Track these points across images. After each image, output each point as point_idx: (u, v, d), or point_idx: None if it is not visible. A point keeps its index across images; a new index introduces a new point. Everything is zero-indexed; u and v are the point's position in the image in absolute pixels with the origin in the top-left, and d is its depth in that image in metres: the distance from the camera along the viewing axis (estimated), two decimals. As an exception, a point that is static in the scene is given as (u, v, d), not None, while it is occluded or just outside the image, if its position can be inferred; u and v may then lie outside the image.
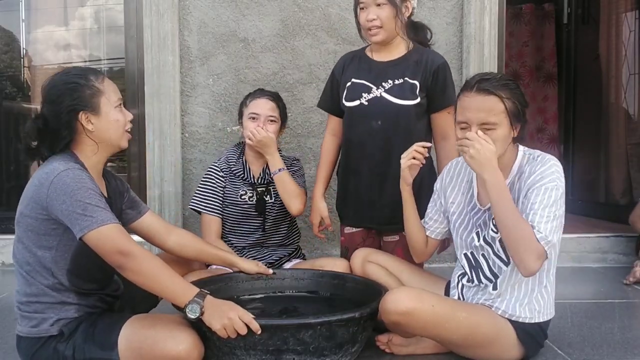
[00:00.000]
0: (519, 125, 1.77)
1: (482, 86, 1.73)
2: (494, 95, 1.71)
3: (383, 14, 2.20)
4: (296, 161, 2.61)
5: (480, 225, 1.86)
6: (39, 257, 1.65)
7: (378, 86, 2.27)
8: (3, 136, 3.92)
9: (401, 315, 1.67)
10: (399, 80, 2.25)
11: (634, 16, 4.08)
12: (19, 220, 1.68)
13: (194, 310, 1.59)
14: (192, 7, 3.18)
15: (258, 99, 2.48)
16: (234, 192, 2.49)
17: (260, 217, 2.49)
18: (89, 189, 1.60)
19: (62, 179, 1.59)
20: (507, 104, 1.72)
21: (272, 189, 2.49)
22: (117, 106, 1.76)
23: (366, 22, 2.23)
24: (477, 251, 1.87)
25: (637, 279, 2.88)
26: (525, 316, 1.79)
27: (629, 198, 4.07)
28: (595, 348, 2.00)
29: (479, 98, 1.72)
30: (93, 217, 1.57)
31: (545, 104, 5.35)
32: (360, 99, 2.28)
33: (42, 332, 1.66)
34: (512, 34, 5.26)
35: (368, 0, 2.22)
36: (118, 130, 1.76)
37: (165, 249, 2.05)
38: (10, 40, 3.97)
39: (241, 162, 2.51)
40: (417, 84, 2.24)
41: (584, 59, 4.44)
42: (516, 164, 1.80)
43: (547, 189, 1.68)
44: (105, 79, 1.76)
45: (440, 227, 2.04)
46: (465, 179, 1.95)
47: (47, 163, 1.68)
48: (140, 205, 2.00)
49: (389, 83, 2.26)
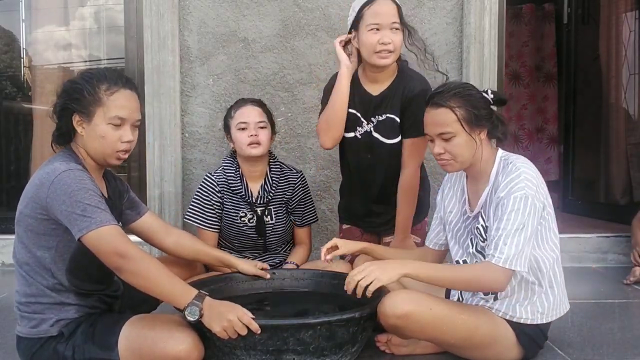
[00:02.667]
0: (482, 130, 1.80)
1: (433, 100, 1.81)
2: (443, 107, 1.77)
3: (397, 40, 2.17)
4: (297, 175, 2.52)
5: (472, 232, 1.88)
6: (39, 257, 1.65)
7: (368, 121, 2.31)
8: (3, 136, 3.92)
9: (399, 318, 1.67)
10: (383, 116, 2.28)
11: (634, 16, 4.08)
12: (19, 220, 1.67)
13: (193, 312, 1.59)
14: (192, 7, 3.18)
15: (243, 108, 2.43)
16: (233, 212, 2.43)
17: (262, 239, 2.45)
18: (89, 190, 1.60)
19: (63, 179, 1.59)
20: (457, 113, 1.76)
21: (272, 208, 2.45)
22: (113, 124, 1.69)
23: (378, 44, 2.15)
24: (471, 259, 1.88)
25: (637, 279, 2.88)
26: (527, 317, 1.79)
27: (629, 198, 4.07)
28: (595, 348, 2.00)
29: (432, 112, 1.81)
30: (92, 218, 1.57)
31: (545, 104, 5.35)
32: (355, 131, 2.33)
33: (41, 332, 1.66)
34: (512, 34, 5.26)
35: (385, 23, 2.15)
36: (104, 147, 1.70)
37: (163, 249, 2.05)
38: (10, 40, 3.97)
39: (239, 178, 2.43)
40: (397, 120, 2.27)
41: (584, 59, 4.43)
42: (494, 171, 1.81)
43: (515, 198, 1.68)
44: (119, 93, 1.70)
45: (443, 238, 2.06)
46: (460, 186, 1.98)
47: (49, 162, 1.68)
48: (140, 206, 2.00)
49: (376, 118, 2.29)
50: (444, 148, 1.79)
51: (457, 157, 1.79)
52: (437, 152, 1.81)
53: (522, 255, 1.67)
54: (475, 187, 1.88)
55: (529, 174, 1.73)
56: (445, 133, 1.77)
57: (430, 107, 1.81)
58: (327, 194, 3.13)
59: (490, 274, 1.69)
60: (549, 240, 1.80)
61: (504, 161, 1.81)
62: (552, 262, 1.81)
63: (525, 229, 1.67)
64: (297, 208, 2.51)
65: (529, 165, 1.77)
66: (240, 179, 2.43)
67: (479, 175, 1.85)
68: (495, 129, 1.83)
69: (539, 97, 5.38)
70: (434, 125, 1.80)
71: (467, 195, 1.93)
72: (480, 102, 1.80)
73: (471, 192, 1.91)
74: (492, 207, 1.76)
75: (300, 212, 2.52)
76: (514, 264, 1.66)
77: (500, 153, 1.84)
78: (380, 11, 2.16)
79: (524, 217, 1.67)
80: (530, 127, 5.39)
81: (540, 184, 1.74)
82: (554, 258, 1.82)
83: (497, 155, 1.83)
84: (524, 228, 1.67)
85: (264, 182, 2.43)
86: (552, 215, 1.81)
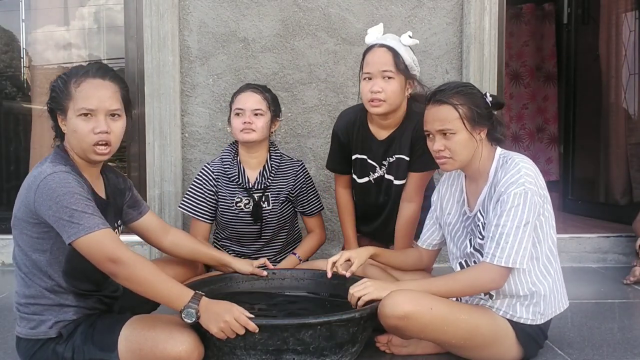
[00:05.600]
0: (483, 129, 1.81)
1: (436, 97, 1.81)
2: (446, 104, 1.78)
3: (389, 88, 2.13)
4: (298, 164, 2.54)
5: (470, 231, 1.88)
6: (35, 260, 1.64)
7: (380, 165, 2.33)
8: (3, 136, 3.92)
9: (399, 319, 1.67)
10: (393, 157, 2.29)
11: (634, 16, 4.08)
12: (15, 224, 1.66)
13: (189, 315, 1.58)
14: (192, 7, 3.18)
15: (242, 94, 2.44)
16: (228, 198, 2.43)
17: (257, 224, 2.45)
18: (74, 194, 1.55)
19: (48, 184, 1.55)
20: (460, 110, 1.77)
21: (270, 194, 2.44)
22: (81, 115, 1.62)
23: (369, 92, 2.14)
24: (469, 259, 1.89)
25: (637, 279, 2.88)
26: (527, 317, 1.79)
27: (629, 198, 4.07)
28: (595, 348, 1.99)
29: (434, 109, 1.81)
30: (80, 224, 1.53)
31: (545, 104, 5.35)
32: (369, 176, 2.36)
33: (40, 333, 1.66)
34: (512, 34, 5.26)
35: (375, 71, 2.13)
36: (79, 141, 1.64)
37: (160, 248, 2.05)
38: (10, 40, 3.97)
39: (236, 165, 2.45)
40: (407, 159, 2.28)
41: (584, 59, 4.43)
42: (492, 168, 1.82)
43: (515, 194, 1.69)
44: (86, 83, 1.63)
45: (437, 239, 2.08)
46: (458, 187, 1.98)
47: (39, 164, 1.66)
48: (142, 205, 1.99)
49: (388, 161, 2.31)
50: (444, 145, 1.79)
51: (456, 155, 1.79)
52: (436, 149, 1.81)
53: (523, 252, 1.68)
54: (474, 187, 1.89)
55: (528, 168, 1.74)
56: (447, 130, 1.78)
57: (432, 103, 1.82)
58: (328, 194, 3.13)
59: (485, 275, 1.71)
60: (548, 238, 1.80)
61: (503, 158, 1.81)
62: (551, 259, 1.81)
63: (525, 226, 1.68)
64: (301, 197, 2.51)
65: (528, 161, 1.78)
66: (237, 166, 2.45)
67: (478, 174, 1.85)
68: (494, 129, 1.84)
69: (539, 97, 5.38)
70: (435, 122, 1.80)
71: (466, 196, 1.93)
72: (481, 102, 1.82)
73: (470, 192, 1.91)
74: (492, 203, 1.76)
75: (305, 201, 2.52)
76: (516, 262, 1.67)
77: (499, 151, 1.85)
78: (372, 60, 2.16)
79: (524, 214, 1.68)
80: (531, 127, 5.40)
81: (539, 180, 1.75)
82: (553, 255, 1.82)
83: (496, 153, 1.84)
84: (524, 225, 1.68)
85: (262, 168, 2.45)
86: (551, 213, 1.82)
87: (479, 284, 1.73)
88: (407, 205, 2.29)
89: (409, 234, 2.31)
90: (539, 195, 1.73)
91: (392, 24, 3.16)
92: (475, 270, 1.76)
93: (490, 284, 1.72)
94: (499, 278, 1.71)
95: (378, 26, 2.25)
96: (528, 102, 5.40)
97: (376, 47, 2.16)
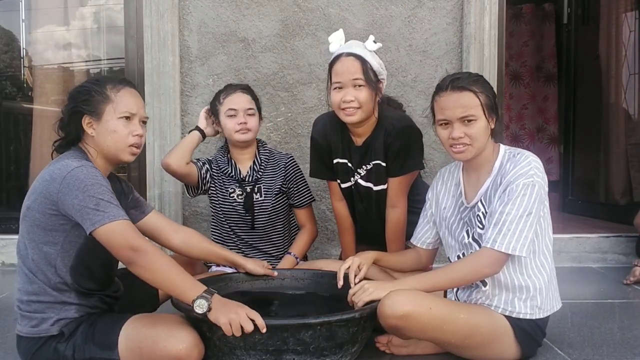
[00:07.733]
0: (494, 118, 1.83)
1: (456, 84, 1.80)
2: (468, 91, 1.78)
3: (362, 96, 2.13)
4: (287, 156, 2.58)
5: (467, 222, 1.89)
6: (45, 252, 1.66)
7: (356, 172, 2.34)
8: (3, 136, 3.92)
9: (399, 319, 1.67)
10: (370, 164, 2.29)
11: (634, 16, 4.09)
12: (26, 215, 1.68)
13: (201, 305, 1.59)
14: (192, 7, 3.18)
15: (232, 94, 2.46)
16: (223, 190, 2.49)
17: (249, 215, 2.48)
18: (102, 185, 1.62)
19: (76, 175, 1.61)
20: (481, 98, 1.79)
21: (263, 186, 2.48)
22: (123, 117, 1.74)
23: (342, 102, 2.13)
24: (467, 250, 1.89)
25: (637, 279, 2.88)
26: (526, 312, 1.79)
27: (629, 198, 4.08)
28: (595, 348, 1.99)
29: (454, 95, 1.79)
30: (105, 212, 1.59)
31: (545, 104, 5.36)
32: (350, 181, 2.36)
33: (42, 332, 1.66)
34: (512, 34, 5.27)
35: (345, 81, 2.12)
36: (116, 142, 1.75)
37: (170, 247, 2.06)
38: (10, 40, 3.97)
39: (227, 160, 2.52)
40: (383, 165, 2.27)
41: (584, 59, 4.44)
42: (498, 161, 1.83)
43: (524, 185, 1.72)
44: (125, 90, 1.77)
45: (431, 236, 2.09)
46: (454, 181, 1.99)
47: (59, 159, 1.70)
48: (144, 205, 2.01)
49: (365, 168, 2.31)
50: (464, 132, 1.78)
51: (475, 141, 1.79)
52: (456, 136, 1.79)
53: (523, 241, 1.70)
54: (474, 178, 1.89)
55: (537, 162, 1.77)
56: (470, 116, 1.77)
57: (452, 90, 1.79)
58: (327, 194, 3.12)
59: (484, 259, 1.73)
60: (546, 235, 1.82)
61: (510, 152, 1.83)
62: (547, 255, 1.83)
63: (528, 215, 1.70)
64: (292, 188, 2.54)
65: (536, 157, 1.80)
66: (228, 162, 2.51)
67: (481, 165, 1.86)
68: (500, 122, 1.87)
69: (539, 97, 5.39)
70: (457, 108, 1.77)
71: (463, 188, 1.94)
72: (493, 92, 1.85)
73: (468, 184, 1.92)
74: (497, 193, 1.77)
75: (295, 193, 2.55)
76: (516, 249, 1.69)
77: (505, 147, 1.87)
78: (340, 70, 2.14)
79: (529, 204, 1.70)
80: (531, 127, 5.40)
81: (545, 177, 1.77)
82: (549, 252, 1.84)
83: (501, 148, 1.86)
84: (527, 214, 1.70)
85: (252, 163, 2.50)
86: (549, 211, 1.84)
87: (477, 269, 1.74)
88: (392, 211, 2.30)
89: (398, 238, 2.32)
90: (545, 191, 1.75)
91: (392, 24, 3.17)
92: (473, 256, 1.78)
93: (487, 268, 1.73)
94: (496, 264, 1.72)
95: (338, 32, 2.23)
96: (528, 102, 5.40)
97: (343, 57, 2.15)
